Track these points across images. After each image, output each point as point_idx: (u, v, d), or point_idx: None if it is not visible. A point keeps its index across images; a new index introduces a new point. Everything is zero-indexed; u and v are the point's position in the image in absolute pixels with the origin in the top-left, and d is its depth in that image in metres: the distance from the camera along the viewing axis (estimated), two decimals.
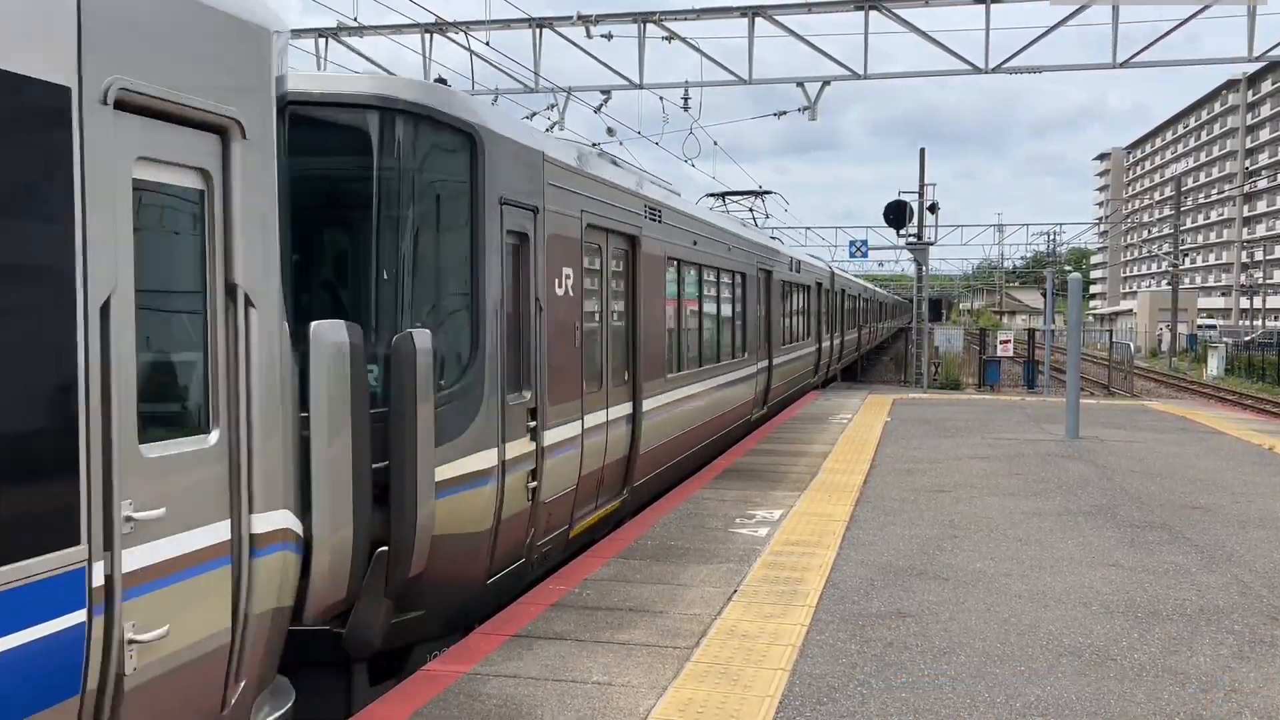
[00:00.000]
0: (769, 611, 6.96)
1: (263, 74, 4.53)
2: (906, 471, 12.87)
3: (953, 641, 6.40)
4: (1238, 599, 7.39)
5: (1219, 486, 11.97)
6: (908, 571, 8.06)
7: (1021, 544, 9.01)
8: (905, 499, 11.04)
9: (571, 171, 8.44)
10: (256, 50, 4.49)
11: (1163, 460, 14.05)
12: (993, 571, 8.09)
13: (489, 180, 6.65)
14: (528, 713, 5.27)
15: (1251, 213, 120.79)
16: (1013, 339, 33.72)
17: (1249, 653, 6.24)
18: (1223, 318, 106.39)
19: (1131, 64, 19.57)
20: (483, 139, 6.59)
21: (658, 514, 10.15)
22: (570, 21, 19.56)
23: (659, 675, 5.79)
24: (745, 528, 9.55)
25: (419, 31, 20.23)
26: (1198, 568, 8.26)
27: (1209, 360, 49.04)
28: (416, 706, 5.33)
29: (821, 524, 9.68)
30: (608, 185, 9.58)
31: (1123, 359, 34.14)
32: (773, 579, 7.78)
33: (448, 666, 5.92)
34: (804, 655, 6.12)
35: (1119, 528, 9.71)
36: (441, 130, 6.42)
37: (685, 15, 19.75)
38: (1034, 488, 11.82)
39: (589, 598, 7.29)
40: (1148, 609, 7.13)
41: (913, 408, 21.71)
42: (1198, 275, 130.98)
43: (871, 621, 6.79)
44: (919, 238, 31.81)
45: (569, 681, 5.69)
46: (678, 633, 6.53)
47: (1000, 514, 10.31)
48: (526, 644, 6.29)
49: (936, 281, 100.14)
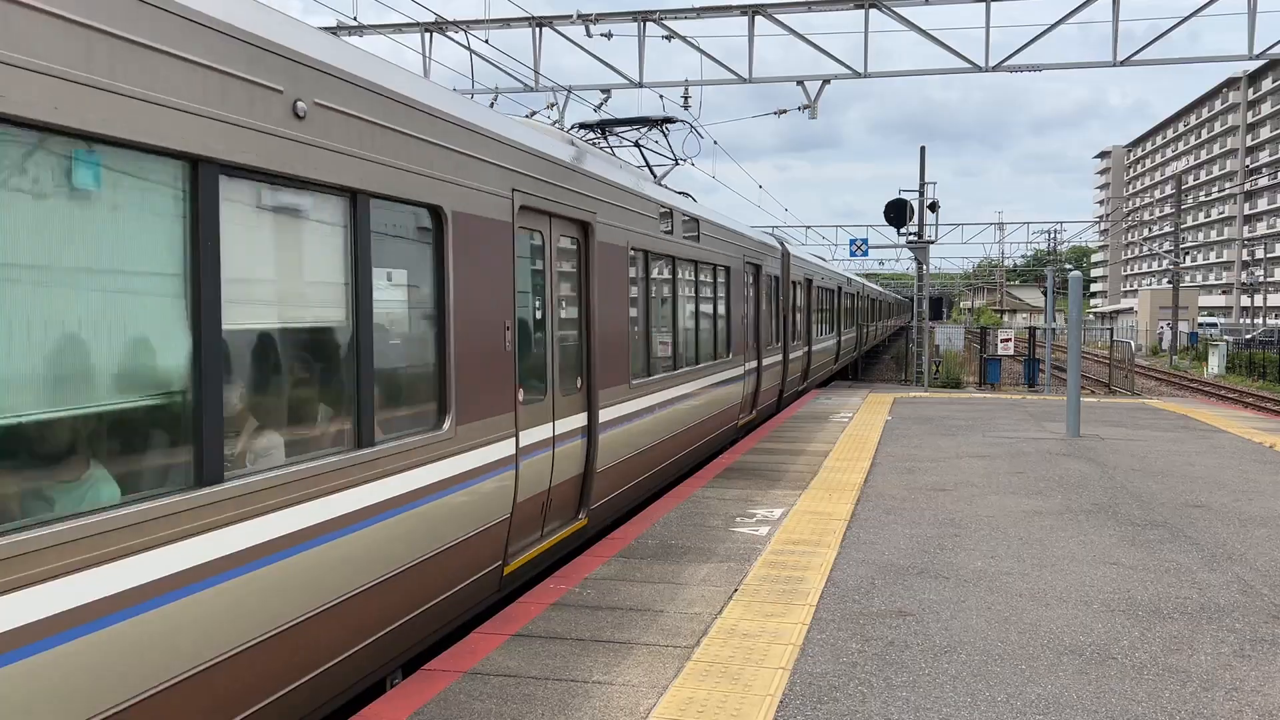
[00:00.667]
0: (770, 610, 6.96)
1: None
2: (907, 470, 12.86)
3: (954, 640, 6.40)
4: (1239, 597, 7.38)
5: (1220, 485, 11.96)
6: (909, 570, 8.06)
7: (1022, 543, 9.00)
8: (906, 497, 11.03)
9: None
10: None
11: (1164, 458, 14.04)
12: (994, 570, 8.08)
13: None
14: (527, 712, 5.26)
15: (1252, 210, 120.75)
16: (1014, 337, 33.69)
17: (1250, 651, 6.24)
18: (1223, 315, 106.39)
19: (1132, 62, 19.56)
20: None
21: (658, 513, 10.14)
22: (570, 20, 19.56)
23: (659, 674, 5.78)
24: (746, 526, 9.55)
25: (419, 31, 20.24)
26: (1199, 566, 8.25)
27: (1210, 358, 49.05)
28: (417, 706, 5.33)
29: (822, 523, 9.68)
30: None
31: (1124, 357, 34.14)
32: (773, 578, 7.77)
33: (448, 666, 5.91)
34: (804, 654, 6.12)
35: (1120, 526, 9.70)
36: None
37: (685, 14, 19.75)
38: (1035, 486, 11.82)
39: (589, 597, 7.29)
40: (1149, 607, 7.13)
41: (913, 406, 21.70)
42: (1198, 273, 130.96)
43: (872, 620, 6.78)
44: (919, 236, 31.79)
45: (569, 681, 5.69)
46: (678, 632, 6.52)
47: (1001, 513, 10.30)
48: (526, 643, 6.29)
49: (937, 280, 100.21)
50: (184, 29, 4.16)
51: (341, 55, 5.39)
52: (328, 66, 5.15)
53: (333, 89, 5.18)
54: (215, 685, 4.33)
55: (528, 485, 7.59)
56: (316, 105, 5.04)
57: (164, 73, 4.04)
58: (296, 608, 4.84)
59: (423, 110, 6.09)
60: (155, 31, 4.00)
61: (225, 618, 4.35)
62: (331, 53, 5.28)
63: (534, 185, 7.77)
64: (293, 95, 4.85)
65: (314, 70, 5.03)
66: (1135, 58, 19.54)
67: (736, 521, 9.75)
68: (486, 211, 6.92)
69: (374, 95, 5.55)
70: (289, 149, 4.83)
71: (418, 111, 6.03)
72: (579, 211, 8.78)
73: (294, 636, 4.82)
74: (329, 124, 5.14)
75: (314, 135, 5.01)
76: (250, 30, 4.59)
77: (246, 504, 4.51)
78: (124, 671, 3.83)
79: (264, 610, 4.60)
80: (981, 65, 19.87)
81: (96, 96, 3.71)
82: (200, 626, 4.21)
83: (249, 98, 4.54)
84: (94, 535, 3.70)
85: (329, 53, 5.24)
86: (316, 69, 5.05)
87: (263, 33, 4.68)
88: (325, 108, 5.11)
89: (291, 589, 4.79)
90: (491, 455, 6.92)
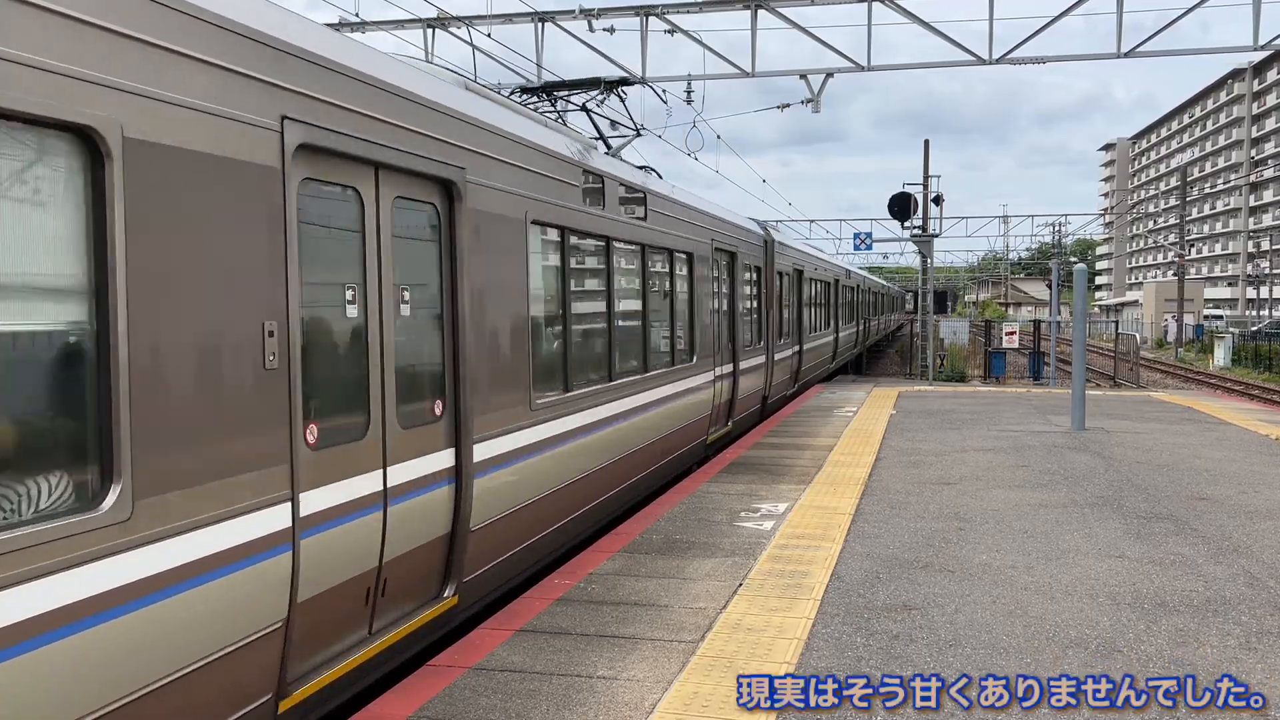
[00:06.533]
0: (774, 605, 6.95)
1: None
2: (912, 464, 12.85)
3: (959, 634, 6.39)
4: (1245, 590, 7.36)
5: (1226, 477, 11.93)
6: (914, 564, 8.05)
7: (1027, 536, 8.98)
8: (911, 491, 11.02)
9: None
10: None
11: (1169, 451, 14.01)
12: (999, 564, 8.07)
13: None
14: (533, 707, 5.26)
15: (1258, 202, 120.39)
16: (1018, 330, 33.64)
17: (1256, 644, 6.22)
18: (1229, 308, 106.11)
19: (1136, 53, 19.51)
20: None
21: (662, 508, 10.14)
22: (572, 15, 19.52)
23: (664, 669, 5.78)
24: (750, 521, 9.54)
25: (421, 26, 20.23)
26: (1204, 559, 8.23)
27: (1215, 351, 48.92)
28: (422, 701, 5.33)
29: (827, 517, 9.67)
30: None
31: (1129, 350, 34.09)
32: (778, 572, 7.76)
33: (453, 661, 5.92)
34: (809, 649, 6.11)
35: (1125, 519, 9.69)
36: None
37: (688, 8, 19.71)
38: (1040, 479, 11.80)
39: (594, 592, 7.29)
40: (1154, 600, 7.11)
41: (918, 400, 21.67)
42: (1204, 265, 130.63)
43: (877, 614, 6.78)
44: (924, 230, 31.75)
45: (574, 676, 5.69)
46: (683, 626, 6.52)
47: (1006, 506, 10.28)
48: (531, 639, 6.29)
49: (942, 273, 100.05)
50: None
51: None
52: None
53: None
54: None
55: (319, 571, 5.09)
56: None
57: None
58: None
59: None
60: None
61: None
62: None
63: (332, 116, 5.20)
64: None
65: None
66: (1140, 49, 19.48)
67: (741, 516, 9.74)
68: (212, 145, 4.36)
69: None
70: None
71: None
72: (433, 164, 6.21)
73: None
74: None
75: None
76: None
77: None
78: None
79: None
80: (985, 58, 19.82)
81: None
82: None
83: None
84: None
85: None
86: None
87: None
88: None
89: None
90: (215, 542, 4.35)
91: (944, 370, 31.56)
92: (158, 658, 4.07)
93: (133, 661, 3.94)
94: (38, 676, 3.53)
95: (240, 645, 4.52)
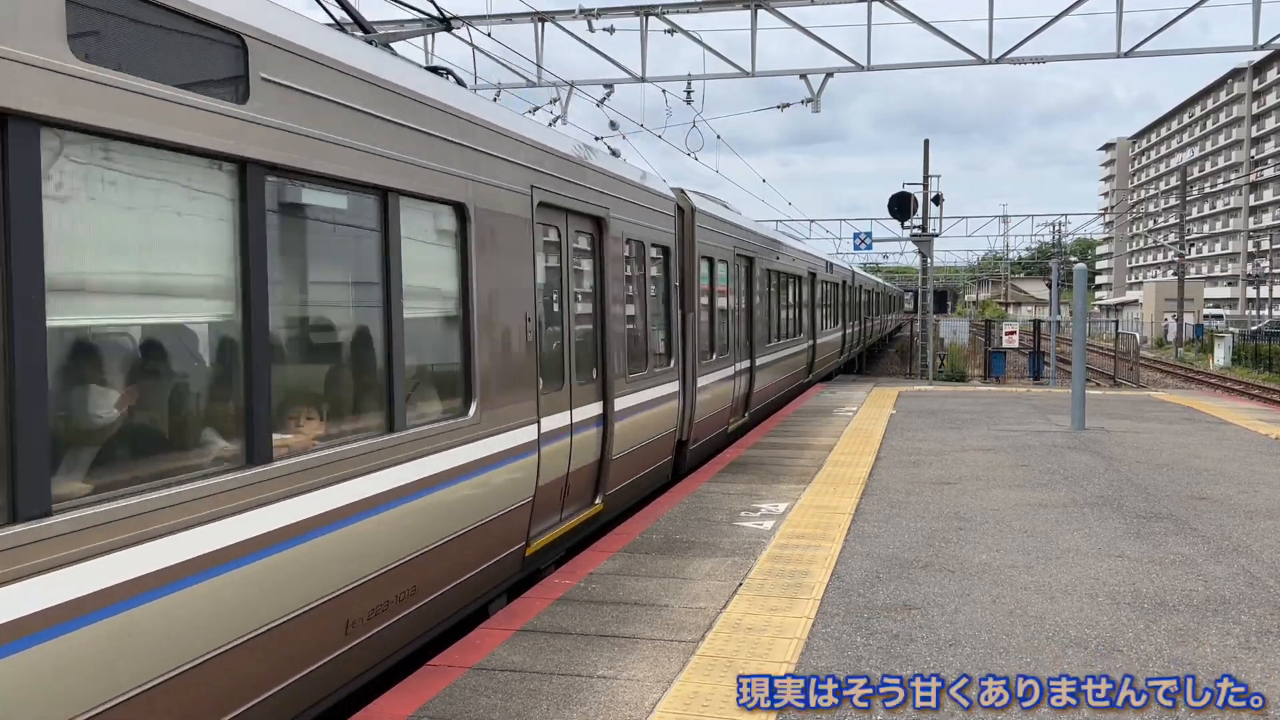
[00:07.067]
0: (774, 605, 6.96)
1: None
2: (912, 464, 12.85)
3: (958, 634, 6.39)
4: (1245, 590, 7.37)
5: (1226, 477, 11.94)
6: (913, 564, 8.05)
7: (1027, 536, 8.99)
8: (911, 491, 11.02)
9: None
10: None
11: (1169, 451, 14.01)
12: (999, 563, 8.08)
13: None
14: (533, 707, 5.27)
15: (1258, 201, 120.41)
16: (1018, 330, 33.64)
17: (1256, 643, 6.23)
18: (1229, 307, 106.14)
19: (1136, 53, 19.51)
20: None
21: (662, 508, 10.14)
22: (572, 15, 19.53)
23: (664, 669, 5.79)
24: (750, 521, 9.55)
25: (421, 27, 20.20)
26: (1204, 559, 8.24)
27: (1215, 350, 48.92)
28: (423, 701, 5.34)
29: (827, 517, 9.68)
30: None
31: (1129, 349, 34.10)
32: (778, 572, 7.77)
33: (453, 661, 5.92)
34: (809, 648, 6.12)
35: (1125, 519, 9.69)
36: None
37: (687, 8, 19.72)
38: (1040, 479, 11.80)
39: (594, 592, 7.29)
40: (1154, 600, 7.12)
41: (918, 400, 21.68)
42: (1204, 265, 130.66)
43: (877, 614, 6.78)
44: (924, 229, 31.75)
45: (574, 675, 5.69)
46: (683, 626, 6.52)
47: (1006, 506, 10.29)
48: (531, 638, 6.29)
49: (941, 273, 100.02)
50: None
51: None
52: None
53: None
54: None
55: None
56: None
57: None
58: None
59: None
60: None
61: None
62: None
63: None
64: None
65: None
66: (1139, 49, 19.49)
67: (741, 516, 9.75)
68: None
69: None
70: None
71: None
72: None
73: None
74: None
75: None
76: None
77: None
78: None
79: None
80: (985, 57, 19.83)
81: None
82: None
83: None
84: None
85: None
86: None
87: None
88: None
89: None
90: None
91: (944, 370, 31.56)
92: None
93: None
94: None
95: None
